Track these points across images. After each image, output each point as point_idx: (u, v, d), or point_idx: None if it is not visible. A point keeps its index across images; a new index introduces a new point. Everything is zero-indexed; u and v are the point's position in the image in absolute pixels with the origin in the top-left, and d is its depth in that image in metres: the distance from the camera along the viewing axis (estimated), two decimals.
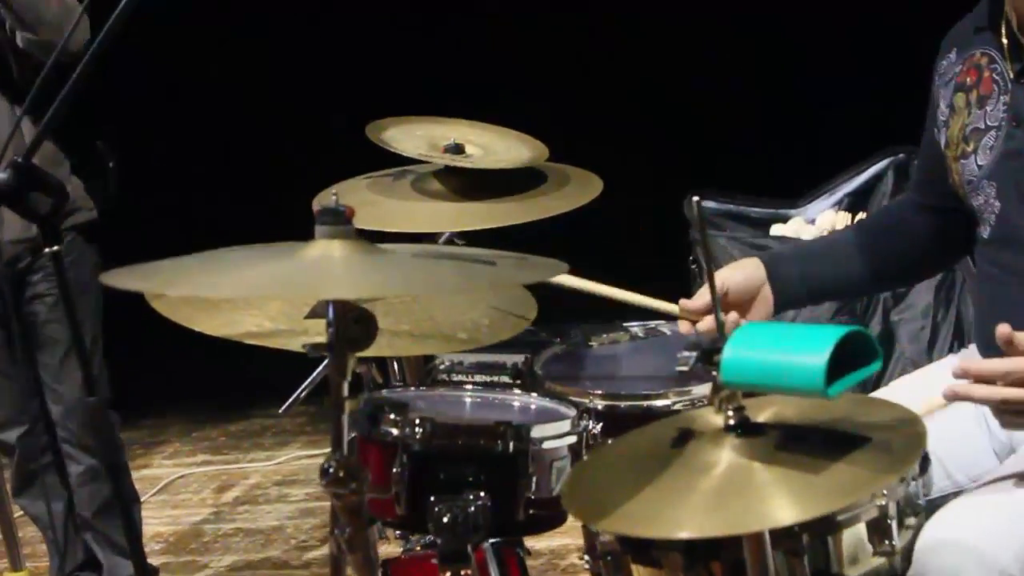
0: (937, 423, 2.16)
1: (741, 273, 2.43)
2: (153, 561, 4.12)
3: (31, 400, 3.67)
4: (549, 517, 2.09)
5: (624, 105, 5.39)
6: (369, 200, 3.03)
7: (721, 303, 2.37)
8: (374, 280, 1.60)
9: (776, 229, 3.78)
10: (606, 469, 1.73)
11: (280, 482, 5.19)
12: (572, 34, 5.42)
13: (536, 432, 2.08)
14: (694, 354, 1.64)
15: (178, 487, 5.25)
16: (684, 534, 1.54)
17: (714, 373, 1.65)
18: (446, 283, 1.59)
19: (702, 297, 2.39)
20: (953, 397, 1.91)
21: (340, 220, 1.74)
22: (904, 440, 1.63)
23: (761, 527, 1.56)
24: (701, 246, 1.67)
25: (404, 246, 1.90)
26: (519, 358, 4.43)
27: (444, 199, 2.99)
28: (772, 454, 1.62)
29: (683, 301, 2.42)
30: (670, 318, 2.55)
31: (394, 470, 2.04)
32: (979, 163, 2.22)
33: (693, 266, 3.37)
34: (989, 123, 2.21)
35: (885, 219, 2.59)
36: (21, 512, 3.84)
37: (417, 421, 2.04)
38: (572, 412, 2.23)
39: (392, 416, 2.07)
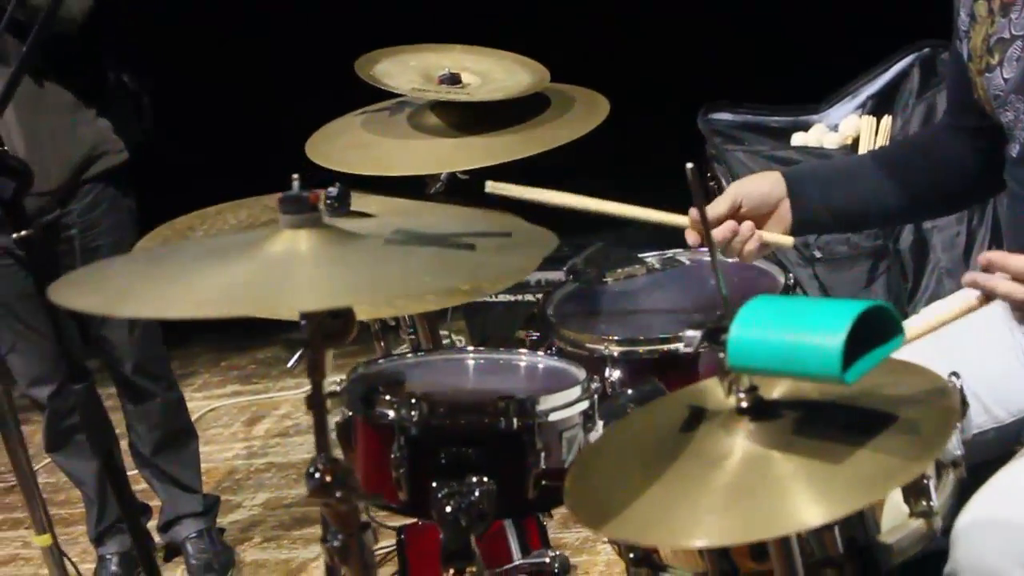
0: (973, 357, 2.02)
1: (759, 186, 2.26)
2: None
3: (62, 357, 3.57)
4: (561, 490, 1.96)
5: (627, 14, 5.14)
6: (364, 141, 2.88)
7: (735, 215, 2.23)
8: (342, 284, 1.45)
9: (797, 138, 3.57)
10: (610, 463, 1.59)
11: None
12: None
13: (542, 404, 1.94)
14: (699, 333, 1.49)
15: (209, 421, 5.16)
16: (699, 543, 1.40)
17: (720, 355, 1.50)
18: (419, 283, 1.44)
19: (715, 207, 2.24)
20: (973, 284, 1.79)
21: (304, 208, 1.60)
22: (934, 417, 1.48)
23: (784, 530, 1.41)
24: (697, 207, 1.51)
25: (377, 223, 1.75)
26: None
27: (442, 135, 2.84)
28: (789, 440, 1.48)
29: (693, 210, 2.26)
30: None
31: (392, 455, 1.91)
32: (1005, 76, 2.03)
33: (712, 183, 3.20)
34: (1015, 32, 2.02)
35: (917, 143, 2.39)
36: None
37: (413, 401, 1.90)
38: (582, 374, 2.08)
39: (387, 396, 1.94)
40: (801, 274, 3.00)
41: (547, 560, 2.09)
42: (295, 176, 1.62)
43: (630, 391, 2.34)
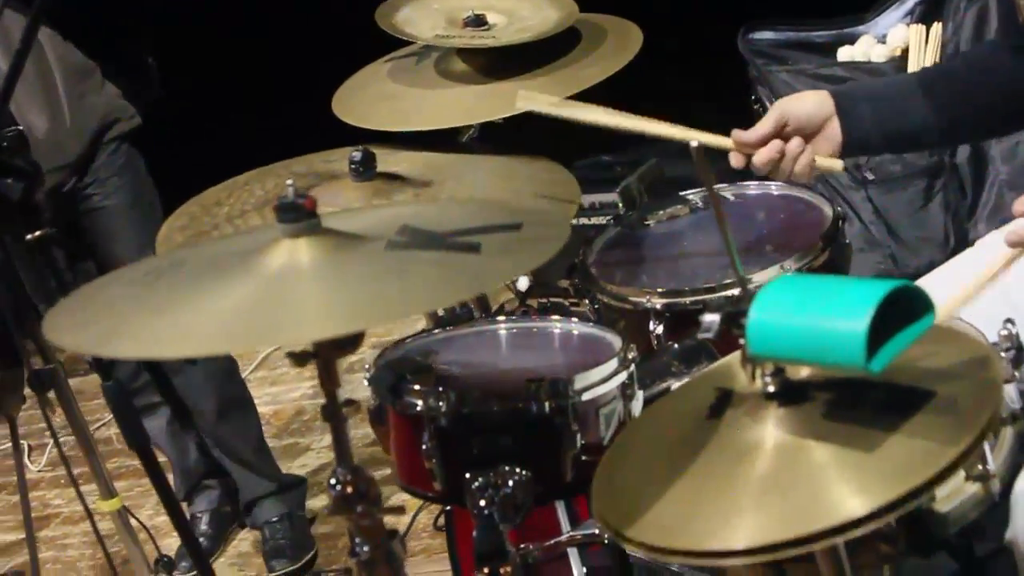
0: None
1: (805, 104, 2.13)
2: None
3: None
4: None
5: None
6: (391, 92, 2.81)
7: (781, 134, 2.13)
8: (344, 307, 1.38)
9: (843, 53, 3.41)
10: (635, 459, 1.52)
11: (375, 345, 5.07)
12: None
13: (576, 383, 1.87)
14: (716, 317, 1.41)
15: (274, 361, 5.12)
16: (738, 544, 1.32)
17: (741, 341, 1.42)
18: (419, 301, 1.37)
19: (759, 129, 2.13)
20: (1018, 242, 1.69)
21: (302, 215, 1.53)
22: (974, 392, 1.39)
23: (828, 523, 1.31)
24: (706, 187, 1.41)
25: (381, 218, 1.67)
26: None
27: (470, 81, 2.75)
28: (821, 426, 1.39)
29: (736, 132, 2.16)
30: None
31: (423, 446, 1.85)
32: None
33: (756, 106, 3.07)
34: None
35: (971, 61, 2.23)
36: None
37: (441, 390, 1.84)
38: (618, 342, 2.01)
39: (414, 386, 1.88)
40: (853, 197, 2.89)
41: (596, 531, 2.03)
42: (289, 181, 1.55)
43: (675, 346, 2.28)
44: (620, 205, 4.16)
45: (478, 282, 1.39)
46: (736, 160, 2.16)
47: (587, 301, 2.50)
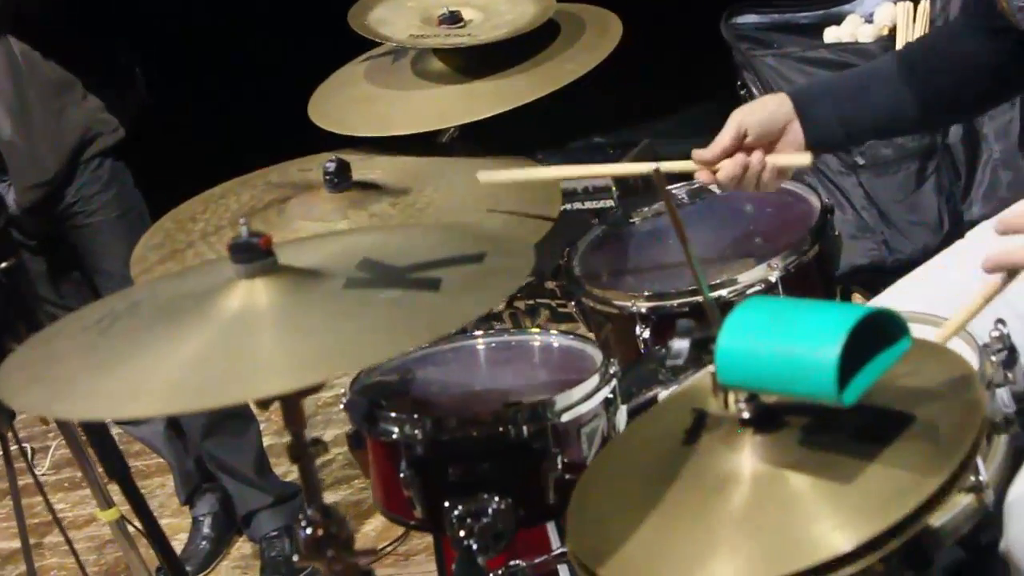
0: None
1: (761, 111, 2.08)
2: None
3: None
4: None
5: None
6: (367, 95, 2.75)
7: (742, 146, 2.08)
8: (303, 356, 1.33)
9: (830, 34, 3.32)
10: (609, 490, 1.47)
11: None
12: None
13: (556, 404, 1.82)
14: (686, 343, 1.36)
15: None
16: None
17: (710, 368, 1.37)
18: (375, 349, 1.31)
19: (717, 143, 2.08)
20: (996, 268, 1.55)
21: (257, 255, 1.48)
22: (955, 415, 1.34)
23: (809, 562, 1.26)
24: (669, 215, 1.35)
25: (342, 248, 1.62)
26: None
27: (448, 81, 2.69)
28: (799, 454, 1.35)
29: (696, 152, 2.12)
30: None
31: (401, 474, 1.81)
32: None
33: (743, 91, 3.00)
34: None
35: (931, 44, 2.17)
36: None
37: (416, 417, 1.79)
38: (599, 356, 1.96)
39: (390, 413, 1.83)
40: (844, 183, 2.83)
41: None
42: (242, 220, 1.50)
43: (661, 351, 2.23)
44: (614, 189, 4.11)
45: (437, 324, 1.33)
46: (702, 176, 2.11)
47: (573, 303, 2.45)
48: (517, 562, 1.96)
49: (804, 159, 2.07)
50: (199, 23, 4.96)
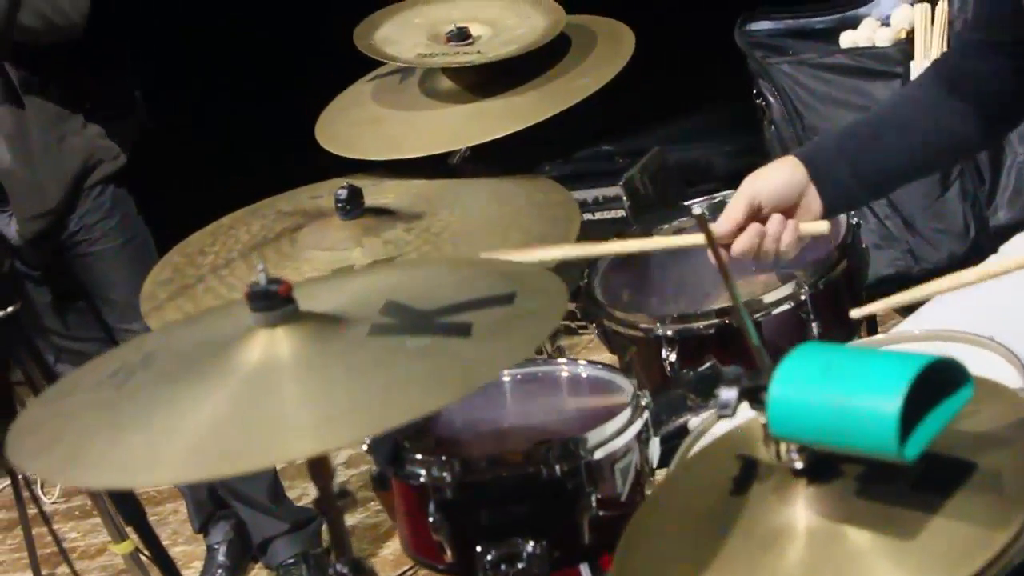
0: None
1: (775, 179, 1.95)
2: None
3: None
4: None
5: None
6: (375, 116, 2.68)
7: (757, 215, 1.96)
8: (331, 415, 1.26)
9: (846, 38, 3.24)
10: (657, 540, 1.41)
11: None
12: None
13: (588, 441, 1.75)
14: (735, 393, 1.29)
15: None
16: None
17: (762, 421, 1.30)
18: (406, 406, 1.24)
19: (729, 217, 1.95)
20: None
21: (276, 303, 1.41)
22: (1019, 462, 1.27)
23: None
24: (712, 250, 1.28)
25: (365, 289, 1.55)
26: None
27: (457, 100, 2.62)
28: (855, 506, 1.28)
29: (712, 226, 2.01)
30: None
31: (430, 518, 1.74)
32: None
33: (759, 100, 2.93)
34: None
35: (943, 74, 2.04)
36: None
37: (444, 459, 1.73)
38: (629, 387, 1.89)
39: (416, 455, 1.77)
40: None
41: None
42: (260, 266, 1.43)
43: (689, 375, 2.17)
44: (625, 199, 4.05)
45: (471, 376, 1.27)
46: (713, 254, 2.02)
47: (594, 326, 2.38)
48: None
49: (822, 226, 1.96)
50: (200, 44, 4.88)
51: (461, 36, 2.64)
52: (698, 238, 1.89)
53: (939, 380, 1.22)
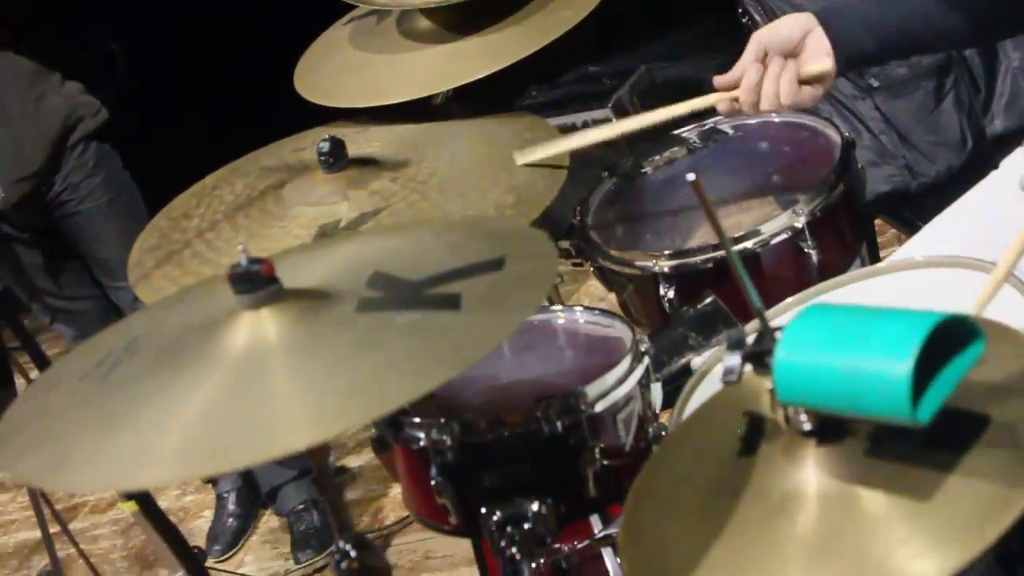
0: None
1: (782, 27, 1.97)
2: None
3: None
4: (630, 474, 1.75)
5: None
6: (354, 61, 2.61)
7: (764, 61, 1.96)
8: (322, 402, 1.22)
9: None
10: (663, 504, 1.37)
11: None
12: None
13: (588, 394, 1.72)
14: (738, 359, 1.24)
15: None
16: None
17: (767, 384, 1.26)
18: (404, 385, 1.20)
19: (739, 65, 1.99)
20: None
21: (259, 283, 1.37)
22: None
23: None
24: (708, 216, 1.22)
25: (352, 257, 1.51)
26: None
27: (437, 40, 2.55)
28: (867, 467, 1.24)
29: (717, 78, 2.02)
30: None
31: (432, 482, 1.71)
32: None
33: (744, 19, 2.86)
34: None
35: None
36: None
37: (443, 421, 1.69)
38: (628, 334, 1.85)
39: (414, 419, 1.73)
40: (859, 107, 2.69)
41: None
42: (240, 246, 1.38)
43: (689, 313, 2.13)
44: (614, 121, 3.97)
45: (463, 353, 1.23)
46: (724, 106, 2.01)
47: (590, 264, 2.34)
48: (560, 546, 1.88)
49: (826, 65, 1.94)
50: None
51: None
52: (714, 98, 2.01)
53: (949, 337, 1.17)
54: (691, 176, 1.20)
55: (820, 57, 1.94)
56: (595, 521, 1.99)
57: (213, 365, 1.33)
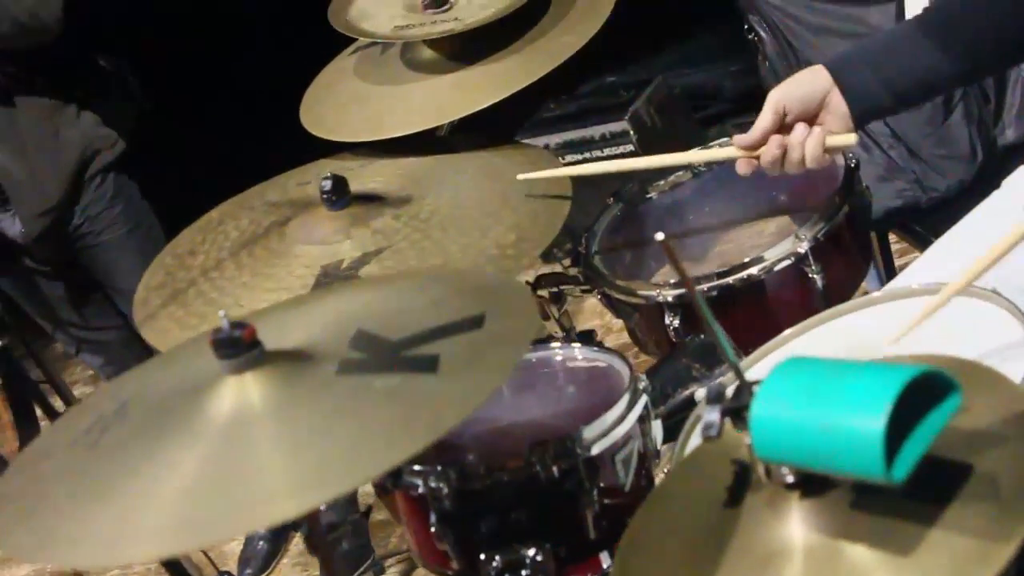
0: None
1: (799, 85, 1.97)
2: None
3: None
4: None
5: None
6: (359, 93, 2.62)
7: (783, 127, 1.97)
8: (305, 476, 1.23)
9: None
10: (652, 555, 1.37)
11: None
12: None
13: (584, 436, 1.71)
14: (717, 415, 1.23)
15: None
16: None
17: (746, 441, 1.26)
18: (374, 461, 1.20)
19: (758, 126, 1.97)
20: None
21: (241, 347, 1.37)
22: (1018, 463, 1.22)
23: None
24: (679, 273, 1.21)
25: (335, 315, 1.51)
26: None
27: (440, 70, 2.55)
28: (851, 520, 1.23)
29: (737, 137, 2.02)
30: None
31: (432, 529, 1.71)
32: None
33: (751, 36, 2.83)
34: None
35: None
36: None
37: (440, 469, 1.69)
38: (626, 371, 1.85)
39: (412, 465, 1.73)
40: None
41: None
42: (221, 312, 1.39)
43: (694, 342, 2.13)
44: (632, 133, 3.98)
45: (437, 420, 1.23)
46: (743, 167, 2.01)
47: (597, 293, 2.33)
48: None
49: (850, 138, 1.96)
50: (178, 28, 4.80)
51: (438, 3, 2.56)
52: (734, 154, 2.01)
53: (926, 390, 1.16)
54: (660, 235, 1.20)
55: (843, 121, 1.95)
56: (605, 557, 1.98)
57: (199, 432, 1.33)
